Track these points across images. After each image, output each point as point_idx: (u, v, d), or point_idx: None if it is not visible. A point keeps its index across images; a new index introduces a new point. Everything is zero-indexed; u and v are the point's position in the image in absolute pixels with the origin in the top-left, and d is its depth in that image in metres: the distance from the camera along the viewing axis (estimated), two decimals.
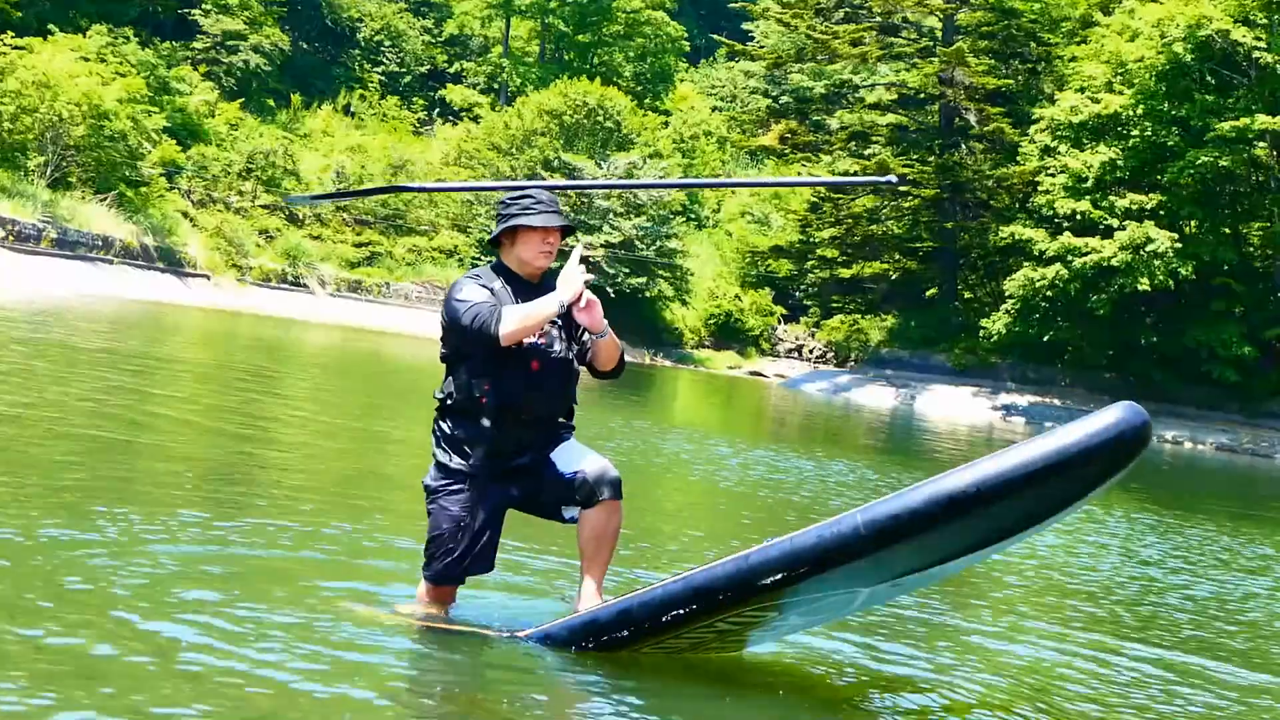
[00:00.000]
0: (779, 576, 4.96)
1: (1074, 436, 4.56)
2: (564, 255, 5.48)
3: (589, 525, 5.65)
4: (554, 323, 5.70)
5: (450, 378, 5.68)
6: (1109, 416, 4.58)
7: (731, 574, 5.07)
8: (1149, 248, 40.87)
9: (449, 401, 5.66)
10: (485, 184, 6.85)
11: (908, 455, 23.45)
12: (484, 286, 5.62)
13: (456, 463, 5.63)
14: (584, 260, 5.66)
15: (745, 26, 72.55)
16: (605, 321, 5.63)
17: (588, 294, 5.53)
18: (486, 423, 5.59)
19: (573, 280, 5.49)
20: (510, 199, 5.76)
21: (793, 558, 4.93)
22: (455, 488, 5.63)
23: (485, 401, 5.58)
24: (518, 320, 5.45)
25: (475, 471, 5.61)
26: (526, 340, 5.58)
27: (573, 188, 4.82)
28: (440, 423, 5.71)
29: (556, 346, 5.69)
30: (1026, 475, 4.55)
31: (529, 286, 5.70)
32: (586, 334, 5.70)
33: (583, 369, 5.82)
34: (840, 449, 22.04)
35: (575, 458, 5.67)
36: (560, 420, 5.77)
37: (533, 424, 5.67)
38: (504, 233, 5.72)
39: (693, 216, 60.89)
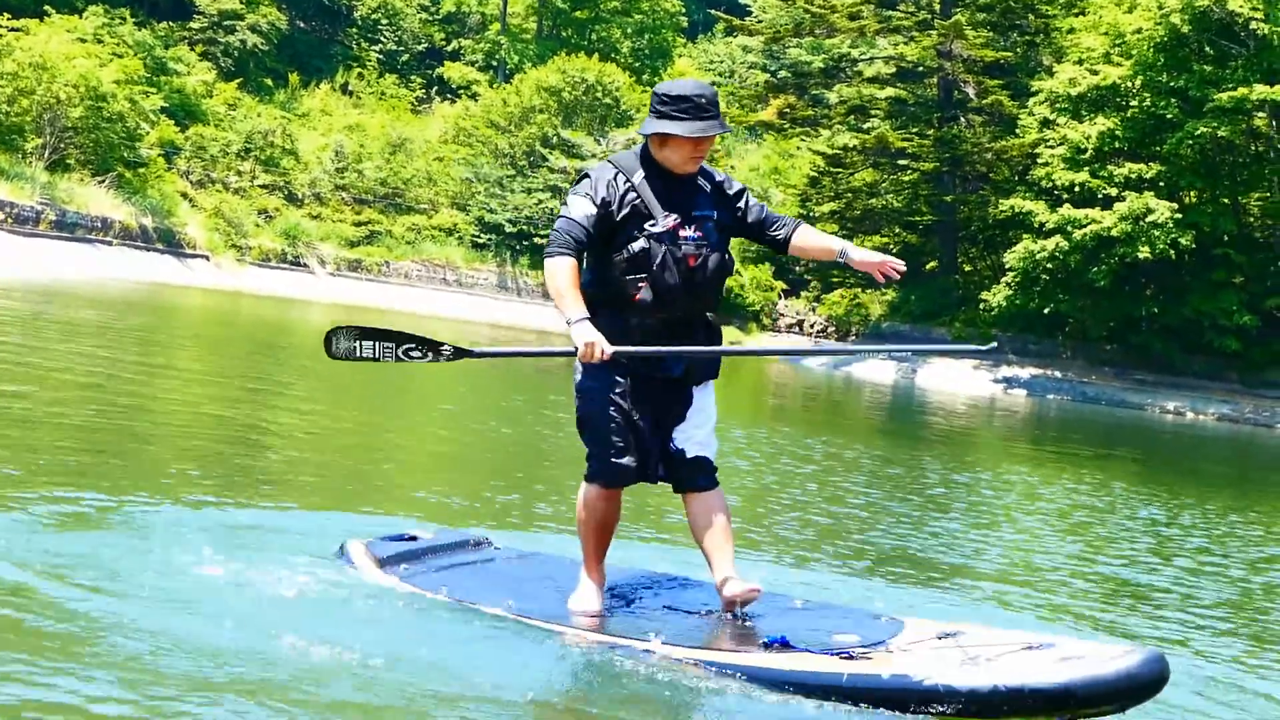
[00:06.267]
0: None
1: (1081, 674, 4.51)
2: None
3: (690, 512, 5.54)
4: (705, 219, 5.42)
5: (595, 271, 5.43)
6: (1125, 662, 4.53)
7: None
8: (1149, 218, 40.81)
9: (595, 292, 5.37)
10: None
11: (916, 433, 23.46)
12: (609, 183, 5.34)
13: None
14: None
15: (743, 1, 72.35)
16: None
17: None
18: (634, 320, 5.34)
19: (590, 351, 5.15)
20: (668, 95, 5.36)
21: None
22: (600, 370, 5.34)
23: (639, 298, 5.34)
24: (552, 287, 5.23)
25: (620, 360, 5.29)
26: (683, 232, 5.35)
27: None
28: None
29: (712, 241, 5.44)
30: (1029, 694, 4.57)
31: (673, 180, 5.41)
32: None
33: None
34: (853, 432, 22.02)
35: (692, 429, 5.49)
36: (705, 325, 5.55)
37: (681, 322, 5.45)
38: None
39: None
